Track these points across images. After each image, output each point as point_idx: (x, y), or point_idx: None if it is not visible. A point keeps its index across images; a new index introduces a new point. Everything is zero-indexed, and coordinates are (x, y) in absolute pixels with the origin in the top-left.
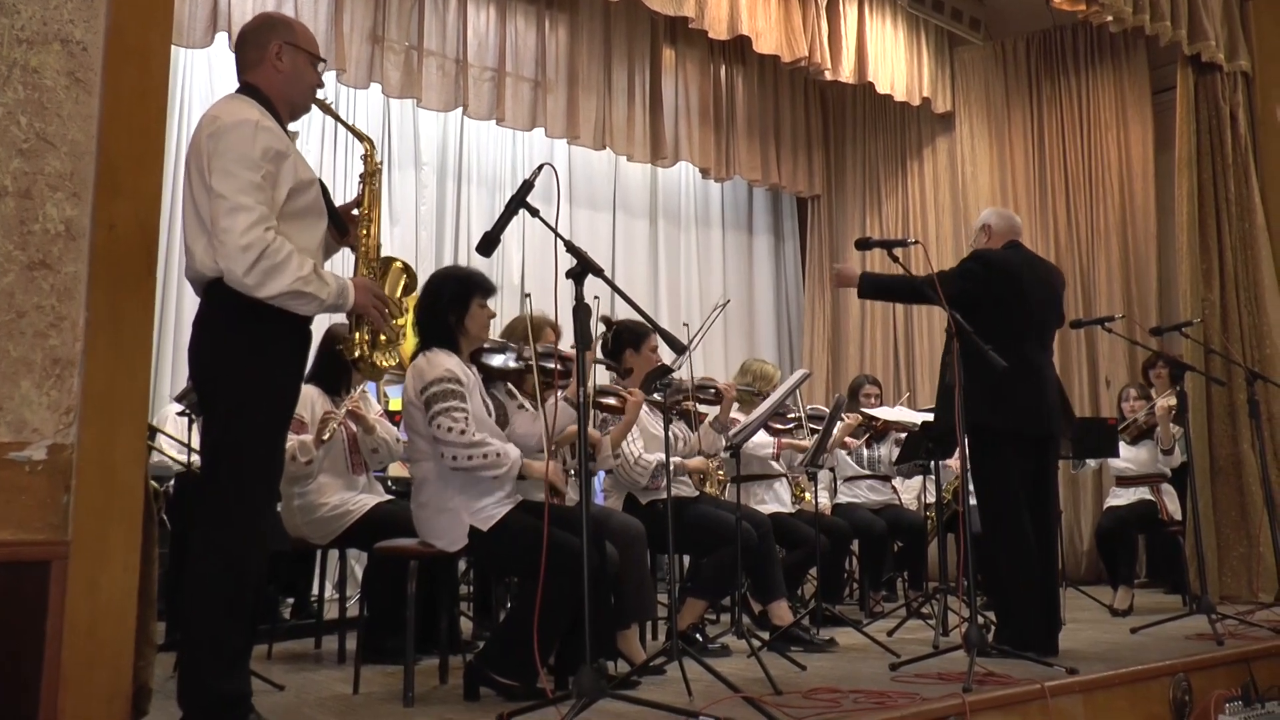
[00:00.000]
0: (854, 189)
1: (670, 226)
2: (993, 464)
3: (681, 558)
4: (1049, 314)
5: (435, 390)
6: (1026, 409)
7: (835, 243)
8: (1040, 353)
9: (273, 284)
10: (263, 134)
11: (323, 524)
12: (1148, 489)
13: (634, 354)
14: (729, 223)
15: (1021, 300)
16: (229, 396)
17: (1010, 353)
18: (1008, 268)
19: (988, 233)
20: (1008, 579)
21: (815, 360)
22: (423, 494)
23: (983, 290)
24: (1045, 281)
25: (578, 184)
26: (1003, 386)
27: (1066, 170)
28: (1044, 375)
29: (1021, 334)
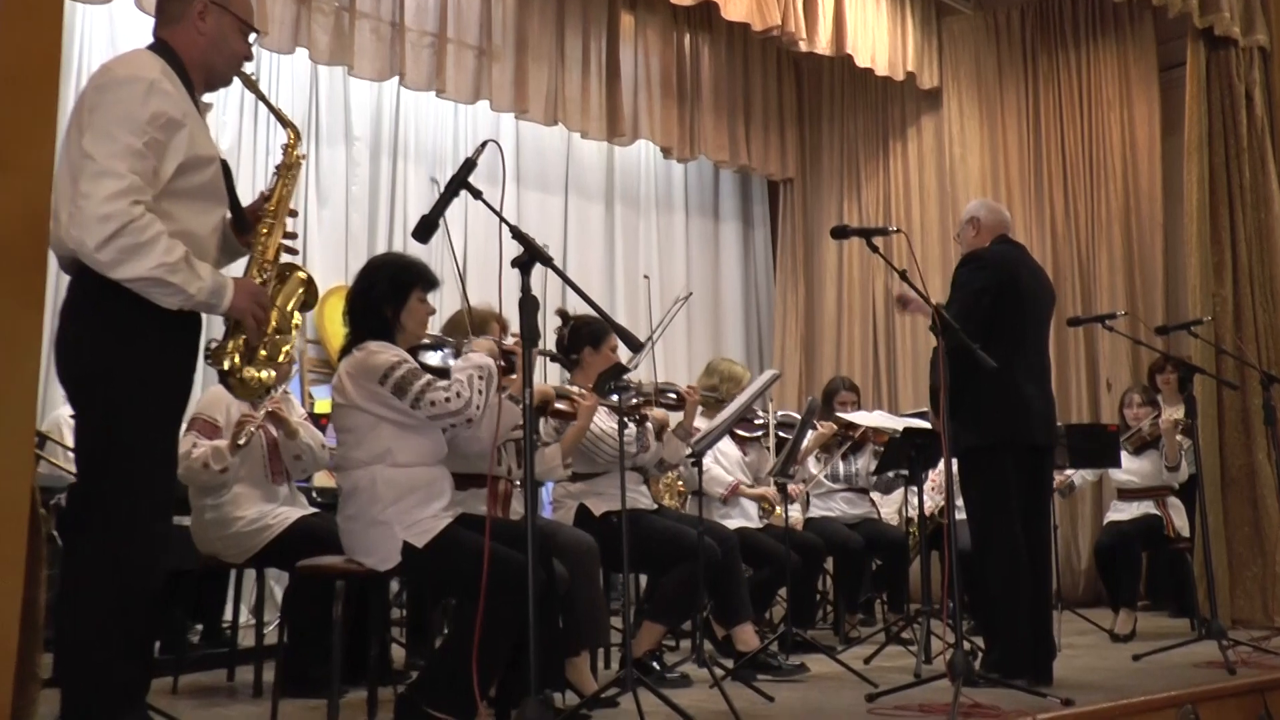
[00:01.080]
0: (831, 172)
1: (628, 211)
2: (987, 474)
3: (638, 577)
4: (1043, 311)
5: (401, 374)
6: (1030, 414)
7: (810, 230)
8: (1037, 353)
9: (131, 265)
10: (157, 96)
11: (238, 540)
12: (1152, 502)
13: (593, 353)
14: (693, 207)
15: (1019, 296)
16: (106, 396)
17: (1012, 353)
18: (1005, 264)
19: (975, 226)
20: (997, 600)
21: (787, 360)
22: (351, 506)
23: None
24: (1039, 279)
25: (526, 163)
26: (1005, 389)
27: (1064, 154)
28: (1043, 378)
29: (1020, 332)
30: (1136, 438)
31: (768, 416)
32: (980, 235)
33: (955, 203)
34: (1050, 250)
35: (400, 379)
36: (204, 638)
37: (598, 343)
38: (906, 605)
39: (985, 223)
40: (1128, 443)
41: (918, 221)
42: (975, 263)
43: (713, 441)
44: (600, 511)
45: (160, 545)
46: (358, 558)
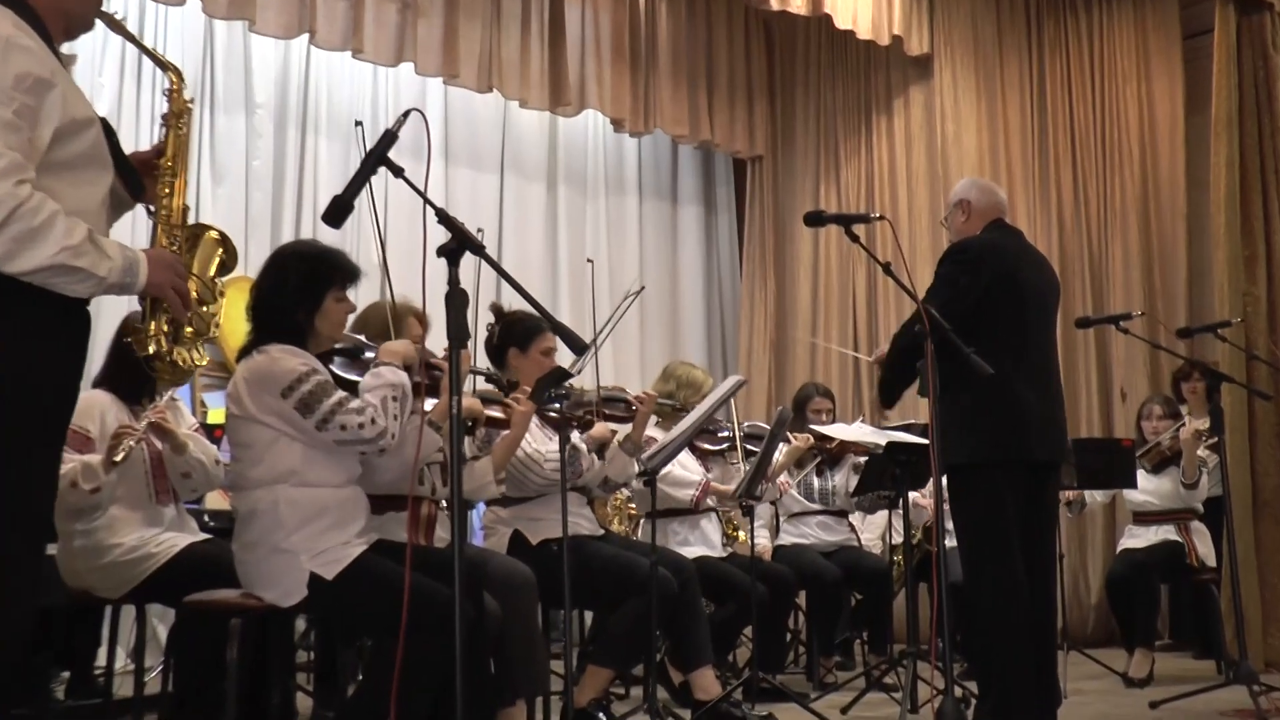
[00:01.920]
0: (806, 150)
1: (573, 193)
2: (979, 495)
3: (581, 613)
4: (1047, 309)
5: (309, 389)
6: (1028, 426)
7: (781, 216)
8: (1041, 357)
9: (29, 255)
10: (16, 54)
11: (115, 571)
12: (1173, 527)
13: (520, 354)
14: (648, 189)
15: (1017, 292)
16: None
17: (1010, 356)
18: (999, 253)
19: (965, 210)
20: (993, 640)
21: (754, 364)
22: (250, 531)
23: (975, 287)
24: (1040, 271)
25: (456, 136)
26: (1000, 398)
27: (1074, 132)
28: (1047, 386)
29: (1020, 333)
30: (1155, 453)
31: (732, 428)
32: (971, 221)
33: (947, 186)
34: (1057, 242)
35: (306, 395)
36: (72, 687)
37: (525, 343)
38: (890, 646)
39: (977, 206)
40: (1145, 459)
41: (904, 207)
42: (959, 255)
43: (668, 457)
44: (538, 538)
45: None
46: (256, 591)
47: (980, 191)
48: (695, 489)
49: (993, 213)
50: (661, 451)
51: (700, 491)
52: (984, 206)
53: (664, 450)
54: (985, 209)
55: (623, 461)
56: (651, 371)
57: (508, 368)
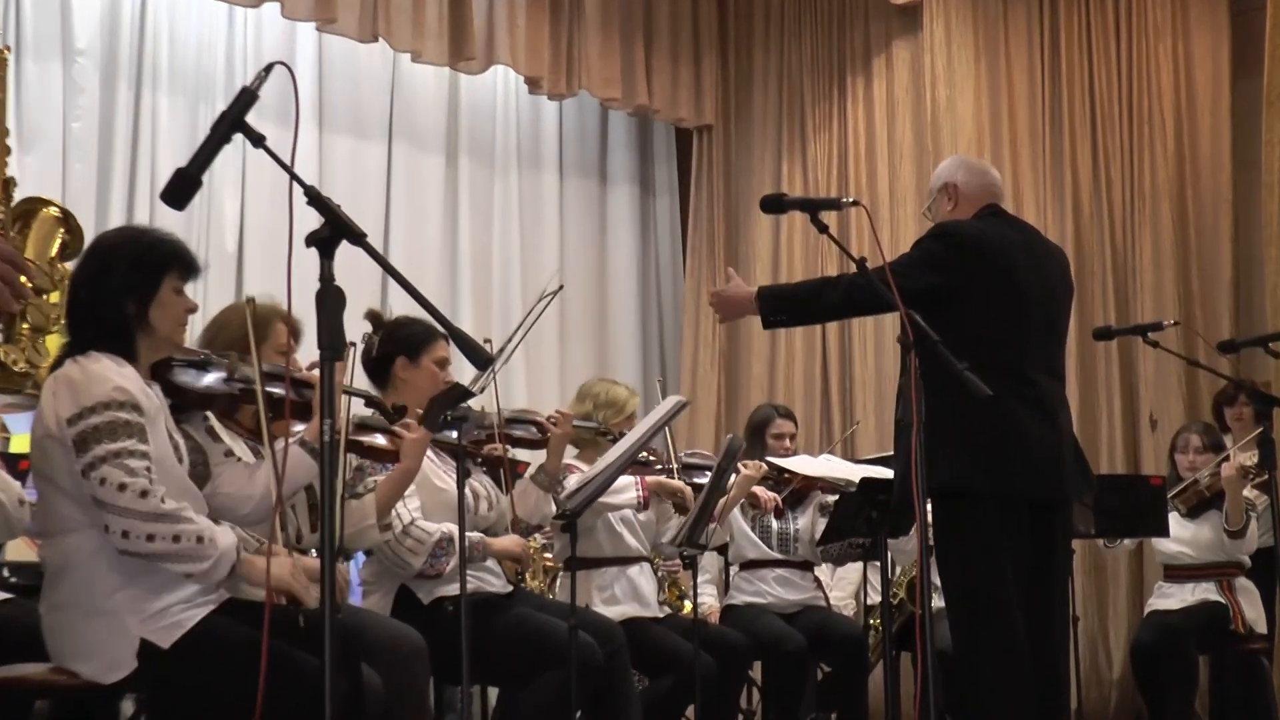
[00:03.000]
0: (764, 118)
1: (478, 168)
2: (973, 534)
3: (484, 689)
4: (1055, 315)
5: (97, 422)
6: (1029, 456)
7: (734, 200)
8: (1047, 376)
9: None
10: None
11: None
12: (1214, 585)
13: (409, 365)
14: (570, 164)
15: (1014, 295)
16: None
17: (1003, 376)
18: (990, 246)
19: (951, 196)
20: None
21: (700, 381)
22: (61, 588)
23: (956, 282)
24: (1045, 268)
25: (333, 96)
26: (993, 421)
27: (1094, 100)
28: (1053, 411)
29: (1018, 347)
30: (1191, 494)
31: (670, 459)
32: (959, 209)
33: (939, 164)
34: (1073, 235)
35: (95, 427)
36: None
37: (416, 351)
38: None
39: (965, 190)
40: (1179, 501)
41: (885, 190)
42: (942, 235)
43: (593, 496)
44: (431, 596)
45: None
46: (70, 664)
47: (968, 172)
48: (636, 489)
49: (985, 197)
50: (585, 489)
51: (643, 489)
52: (974, 190)
53: (588, 487)
54: (975, 193)
55: (535, 499)
56: (569, 390)
57: (393, 385)
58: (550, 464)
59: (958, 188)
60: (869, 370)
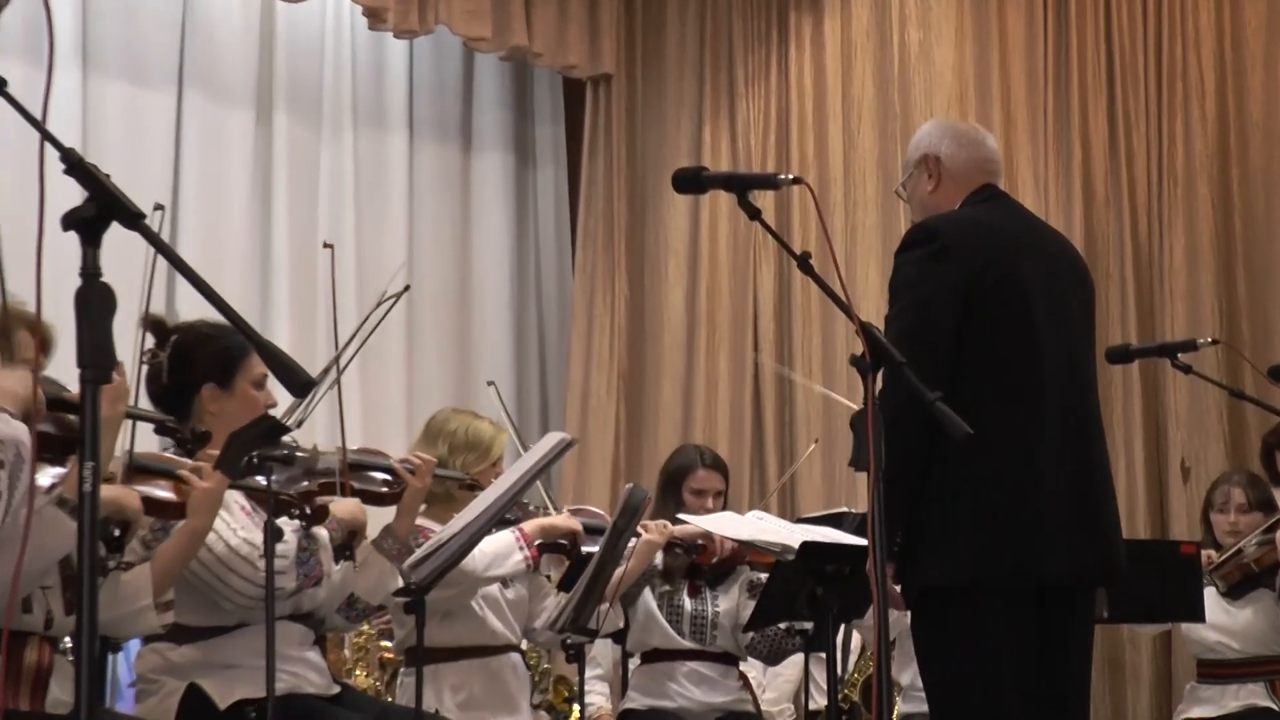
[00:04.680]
0: (681, 68)
1: (300, 126)
2: (963, 640)
3: None
4: (1076, 330)
5: None
6: (1040, 533)
7: (639, 174)
8: (1074, 407)
9: None
10: None
11: None
12: (1263, 686)
13: (221, 394)
14: (423, 124)
15: (1023, 301)
16: None
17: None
18: (984, 238)
19: (932, 172)
20: None
21: (593, 412)
22: None
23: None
24: (1058, 269)
25: (102, 31)
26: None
27: (1110, 49)
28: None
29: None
30: (1234, 567)
31: (550, 515)
32: (943, 189)
33: (908, 130)
34: (1082, 224)
35: None
36: None
37: (228, 373)
38: None
39: (951, 164)
40: (1218, 575)
41: (838, 163)
42: (923, 245)
43: (448, 564)
44: (230, 698)
45: None
46: None
47: (956, 141)
48: (520, 548)
49: (978, 175)
50: (436, 554)
51: (529, 545)
52: (963, 166)
53: (440, 553)
54: (965, 169)
55: (380, 572)
56: (418, 421)
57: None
58: (401, 525)
59: (941, 161)
60: (814, 397)
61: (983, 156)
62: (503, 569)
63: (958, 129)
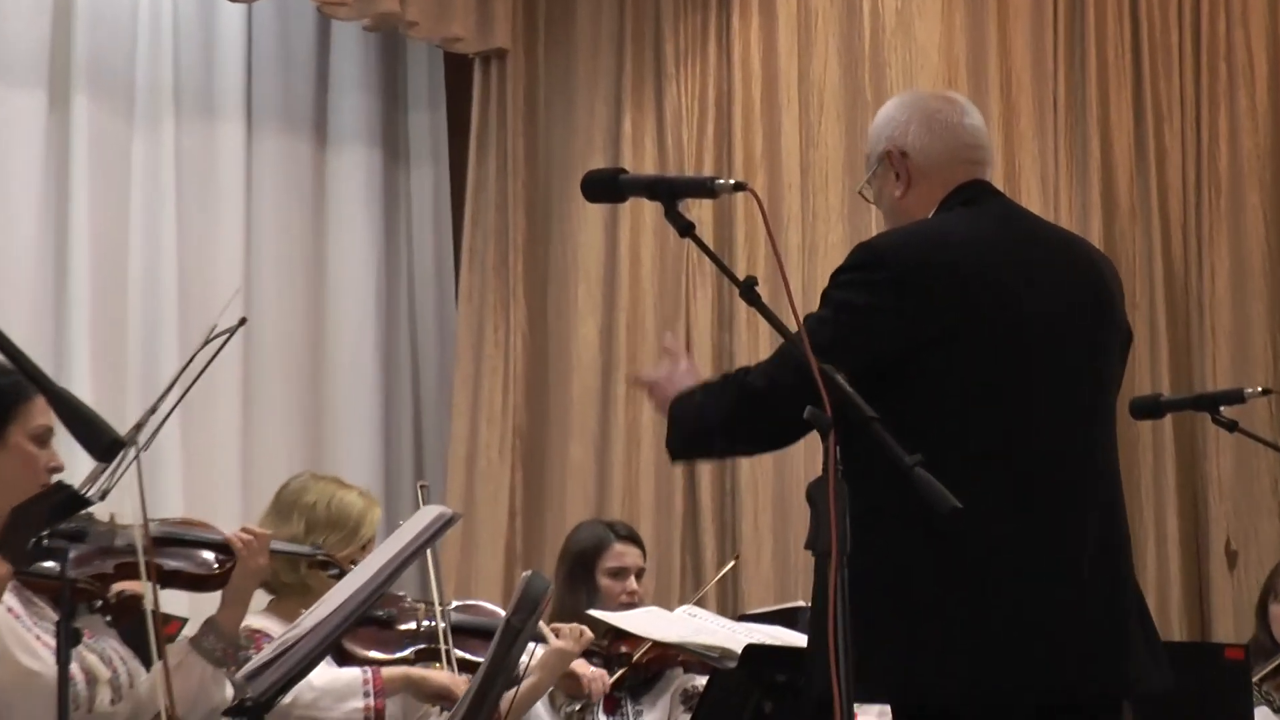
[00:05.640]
0: (595, 41)
1: (107, 112)
2: None
3: None
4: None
5: None
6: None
7: (541, 172)
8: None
9: None
10: None
11: None
12: None
13: None
14: (266, 110)
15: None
16: None
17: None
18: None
19: (900, 170)
20: None
21: (481, 478)
22: None
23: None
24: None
25: None
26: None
27: (1137, 23)
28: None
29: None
30: None
31: (431, 612)
32: (915, 190)
33: None
34: (1100, 244)
35: None
36: None
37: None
38: None
39: (921, 158)
40: (1273, 687)
41: (793, 162)
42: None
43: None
44: None
45: None
46: None
47: (926, 126)
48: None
49: (957, 169)
50: (278, 662)
51: (375, 695)
52: (938, 158)
53: (284, 659)
54: (941, 162)
55: (200, 678)
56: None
57: None
58: (228, 617)
59: (908, 157)
60: (764, 464)
61: (962, 142)
62: (331, 713)
63: (927, 108)
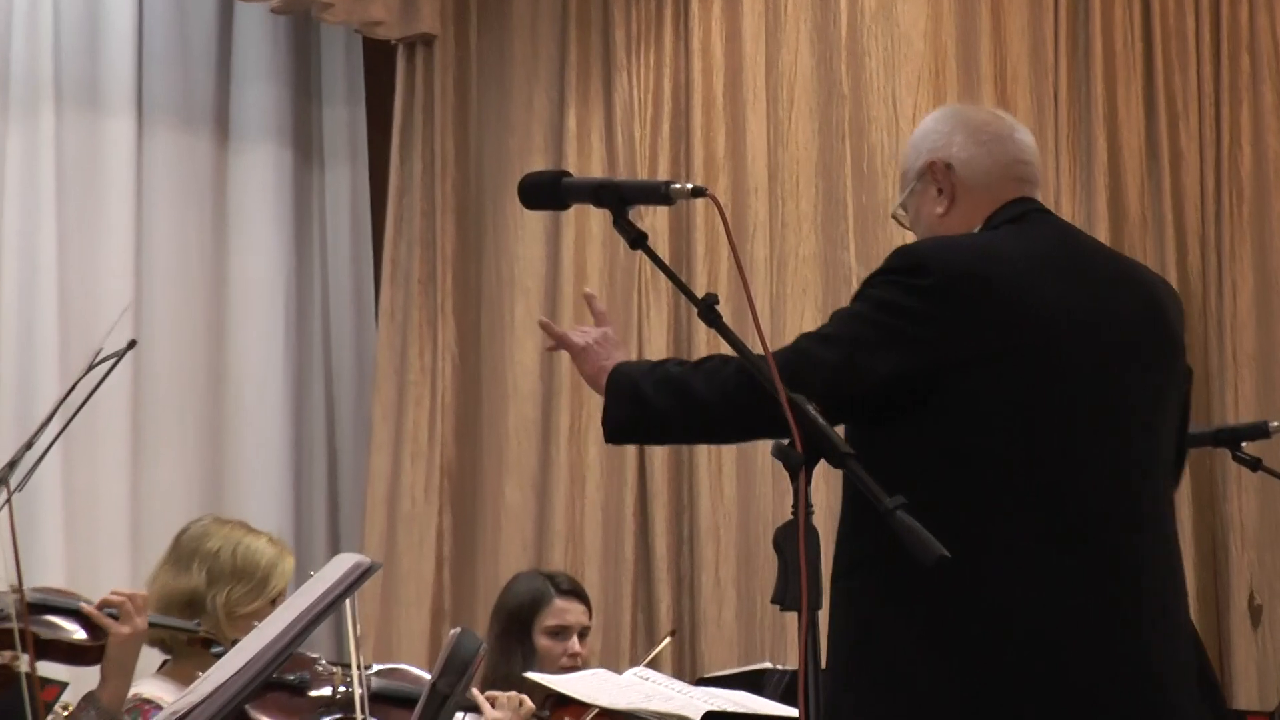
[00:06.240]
0: (534, 26)
1: None
2: None
3: None
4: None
5: None
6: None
7: (472, 177)
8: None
9: None
10: None
11: None
12: None
13: None
14: (160, 102)
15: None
16: None
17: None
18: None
19: (943, 184)
20: None
21: (403, 522)
22: None
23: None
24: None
25: None
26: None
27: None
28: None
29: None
30: None
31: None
32: (959, 207)
33: (861, 119)
34: None
35: None
36: None
37: None
38: None
39: (967, 171)
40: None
41: (759, 164)
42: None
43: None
44: None
45: None
46: None
47: (973, 137)
48: None
49: (1007, 184)
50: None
51: None
52: (985, 171)
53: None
54: (988, 176)
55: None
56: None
57: None
58: (107, 692)
59: (953, 169)
60: (725, 504)
61: (1012, 156)
62: None
63: (973, 120)
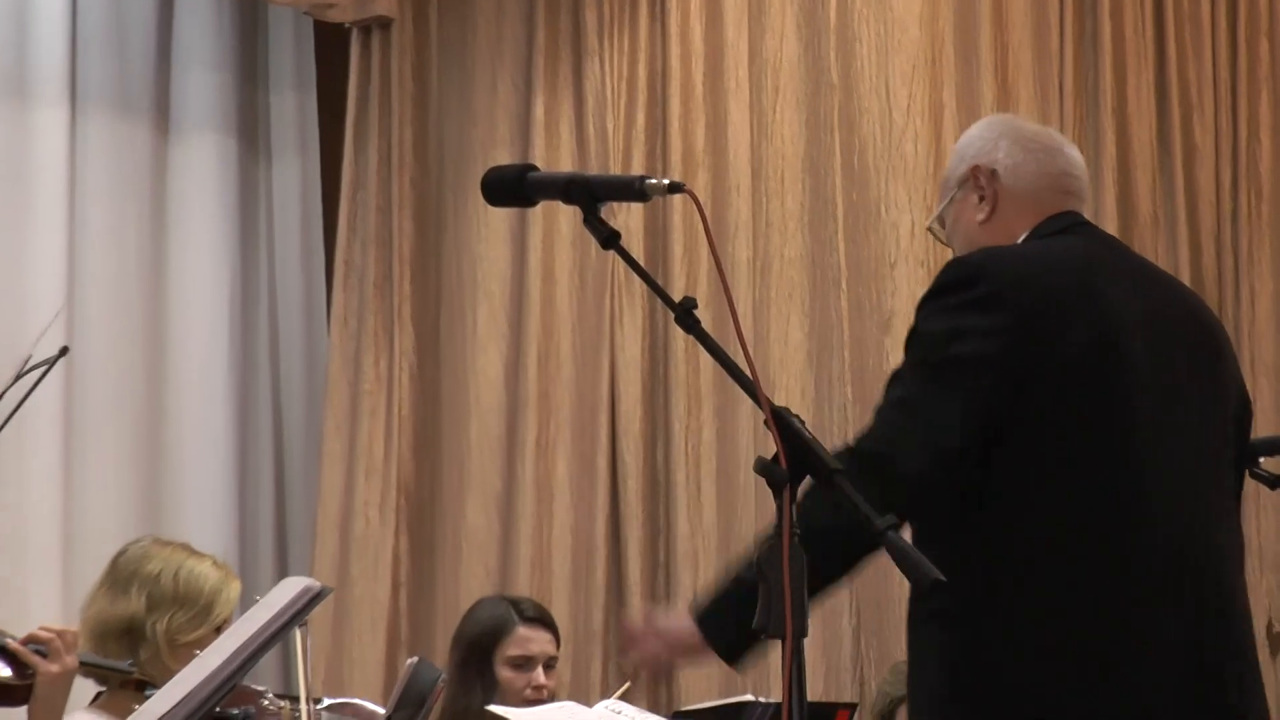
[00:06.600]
0: (499, 9)
1: None
2: None
3: None
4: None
5: None
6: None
7: (432, 171)
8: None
9: None
10: None
11: None
12: None
13: None
14: (95, 89)
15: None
16: None
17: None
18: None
19: (985, 190)
20: None
21: (356, 546)
22: None
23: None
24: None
25: None
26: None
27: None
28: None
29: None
30: None
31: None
32: (1000, 215)
33: (853, 110)
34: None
35: None
36: None
37: None
38: None
39: (1012, 178)
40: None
41: (741, 158)
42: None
43: None
44: None
45: None
46: None
47: (1021, 145)
48: None
49: (1054, 196)
50: None
51: None
52: (1031, 180)
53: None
54: (1034, 185)
55: None
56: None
57: None
58: None
59: (998, 176)
60: (704, 525)
61: (1059, 168)
62: None
63: (1022, 129)
